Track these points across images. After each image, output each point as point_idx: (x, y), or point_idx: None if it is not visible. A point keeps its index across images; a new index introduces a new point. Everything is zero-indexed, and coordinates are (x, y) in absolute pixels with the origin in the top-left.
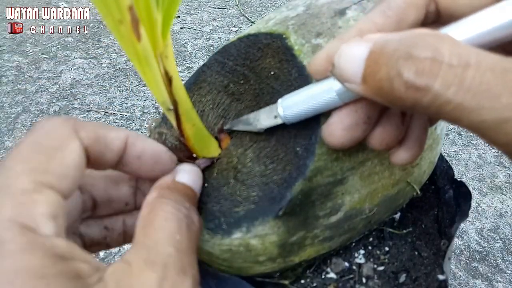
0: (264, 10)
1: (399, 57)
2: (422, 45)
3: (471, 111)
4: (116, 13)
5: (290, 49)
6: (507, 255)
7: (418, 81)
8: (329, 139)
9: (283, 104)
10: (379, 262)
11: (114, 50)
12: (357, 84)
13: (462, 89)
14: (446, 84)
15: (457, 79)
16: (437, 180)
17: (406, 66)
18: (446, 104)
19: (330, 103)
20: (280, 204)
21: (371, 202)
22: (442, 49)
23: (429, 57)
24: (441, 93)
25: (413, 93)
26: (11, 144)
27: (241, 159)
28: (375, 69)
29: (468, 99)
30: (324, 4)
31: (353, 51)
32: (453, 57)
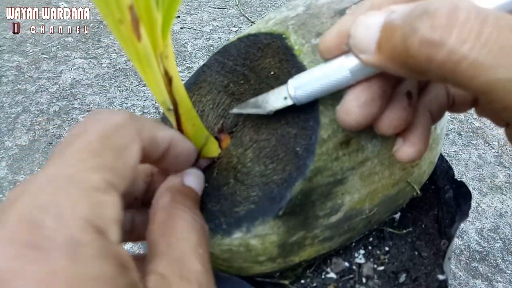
0: (264, 10)
1: (416, 15)
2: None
3: (487, 68)
4: (117, 12)
5: (290, 49)
6: (507, 255)
7: (433, 35)
8: (346, 118)
9: (294, 84)
10: (379, 262)
11: (114, 50)
12: (371, 53)
13: (478, 44)
14: (462, 38)
15: (473, 34)
16: (437, 180)
17: (422, 21)
18: (461, 60)
19: (343, 81)
20: (280, 204)
21: (371, 202)
22: (460, 4)
23: (446, 11)
24: (456, 48)
25: (427, 49)
26: (11, 144)
27: (241, 159)
28: (390, 33)
29: (484, 54)
30: (324, 4)
31: (369, 20)
32: (471, 12)
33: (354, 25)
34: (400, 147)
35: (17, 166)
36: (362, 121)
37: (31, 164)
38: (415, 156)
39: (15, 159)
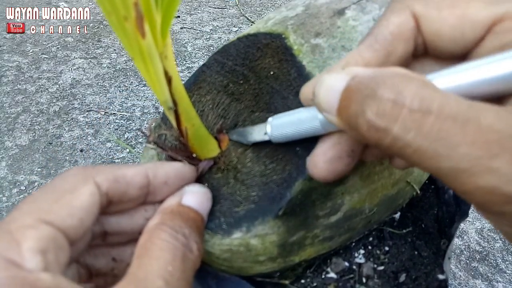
0: (264, 10)
1: (366, 95)
2: (387, 85)
3: (429, 158)
4: (122, 9)
5: (289, 48)
6: (507, 255)
7: (378, 122)
8: (314, 171)
9: (272, 123)
10: (379, 261)
11: (114, 50)
12: (333, 115)
13: (420, 134)
14: (405, 128)
15: (416, 124)
16: (437, 179)
17: (370, 105)
18: (405, 147)
19: (314, 131)
20: (280, 204)
21: (371, 201)
22: (405, 91)
23: (391, 99)
24: (400, 137)
25: (374, 133)
26: (11, 144)
27: (241, 159)
28: (347, 103)
29: (426, 145)
30: (323, 4)
31: (331, 83)
32: (414, 101)
33: (318, 84)
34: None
35: (17, 166)
36: (328, 176)
37: (31, 164)
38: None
39: (15, 159)
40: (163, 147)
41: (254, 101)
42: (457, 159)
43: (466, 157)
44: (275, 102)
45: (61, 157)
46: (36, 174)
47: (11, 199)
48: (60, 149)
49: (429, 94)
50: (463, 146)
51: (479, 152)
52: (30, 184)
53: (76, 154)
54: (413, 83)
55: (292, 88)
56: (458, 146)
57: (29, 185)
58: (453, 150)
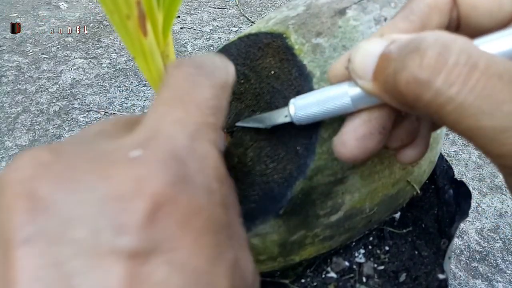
0: (264, 10)
1: (408, 51)
2: (432, 39)
3: (470, 115)
4: (124, 8)
5: (291, 48)
6: (507, 255)
7: (421, 75)
8: (342, 150)
9: (296, 104)
10: (379, 261)
11: (114, 50)
12: (368, 80)
13: (464, 89)
14: (449, 81)
15: (461, 78)
16: (437, 179)
17: (412, 59)
18: (446, 103)
19: (344, 108)
20: (280, 203)
21: (371, 201)
22: (452, 46)
23: (436, 51)
24: (442, 91)
25: (414, 88)
26: (11, 144)
27: (242, 159)
28: (386, 64)
29: (470, 101)
30: (324, 4)
31: (369, 47)
32: (461, 55)
33: (355, 50)
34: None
35: None
36: (358, 154)
37: None
38: (417, 158)
39: None
40: None
41: (255, 101)
42: (501, 117)
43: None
44: (276, 101)
45: None
46: None
47: None
48: None
49: (476, 51)
50: (508, 104)
51: None
52: None
53: None
54: (459, 40)
55: (293, 88)
56: (503, 103)
57: None
58: (498, 107)
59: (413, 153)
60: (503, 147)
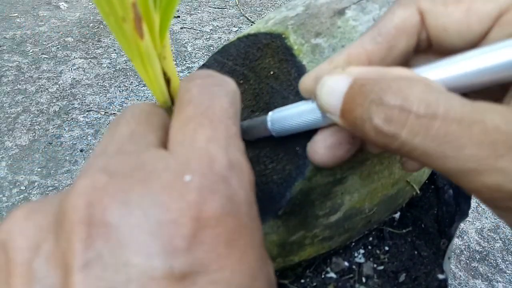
0: (264, 10)
1: (372, 101)
2: (393, 90)
3: (437, 159)
4: (120, 10)
5: (290, 48)
6: (507, 255)
7: (386, 129)
8: (313, 156)
9: (272, 118)
10: (379, 261)
11: (114, 50)
12: (336, 116)
13: (427, 138)
14: (413, 133)
15: (423, 129)
16: (437, 179)
17: (377, 112)
18: (413, 150)
19: (315, 123)
20: (279, 204)
21: (371, 201)
22: (411, 97)
23: (398, 105)
24: (408, 141)
25: (382, 138)
26: (11, 144)
27: None
28: (352, 106)
29: (433, 147)
30: (324, 4)
31: (333, 84)
32: (421, 106)
33: (319, 85)
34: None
35: (17, 166)
36: (328, 162)
37: (31, 164)
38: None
39: (15, 159)
40: None
41: (254, 101)
42: (464, 160)
43: (473, 157)
44: (275, 102)
45: (61, 157)
46: (36, 174)
47: (11, 199)
48: (60, 149)
49: (434, 98)
50: (469, 147)
51: (485, 152)
52: (30, 184)
53: (76, 154)
54: (417, 87)
55: (293, 88)
56: (464, 147)
57: (29, 185)
58: (460, 151)
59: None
60: (472, 184)
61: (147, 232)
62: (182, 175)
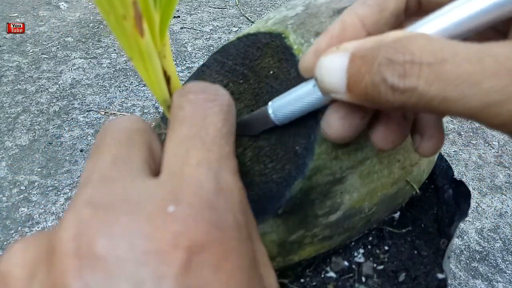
0: (264, 10)
1: (380, 63)
2: (400, 49)
3: (457, 101)
4: (120, 8)
5: (289, 48)
6: (507, 255)
7: (403, 84)
8: (328, 131)
9: (273, 106)
10: (378, 261)
11: (114, 50)
12: (342, 93)
13: (443, 83)
14: (428, 81)
15: (436, 75)
16: (437, 179)
17: (389, 71)
18: (432, 100)
19: (318, 102)
20: (279, 203)
21: (371, 201)
22: (417, 50)
23: (408, 60)
24: (425, 91)
25: (399, 96)
26: (11, 144)
27: (240, 158)
28: (359, 78)
29: (451, 91)
30: (323, 4)
31: (332, 64)
32: (429, 56)
33: (317, 68)
34: (420, 143)
35: (17, 166)
36: (345, 133)
37: (31, 164)
38: (437, 147)
39: (15, 159)
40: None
41: (254, 101)
42: (484, 94)
43: (492, 89)
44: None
45: (61, 157)
46: (36, 174)
47: (11, 199)
48: (60, 149)
49: (438, 46)
50: (486, 81)
51: (503, 81)
52: (30, 184)
53: (76, 154)
54: (419, 40)
55: (292, 88)
56: (481, 82)
57: (29, 185)
58: (478, 87)
59: (432, 143)
60: (499, 117)
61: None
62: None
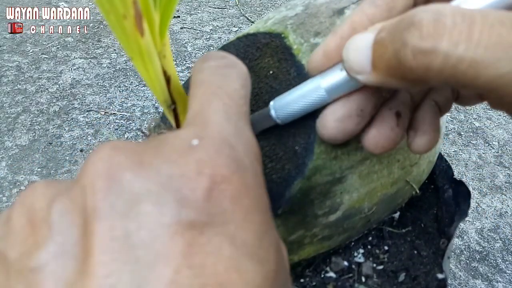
0: (264, 10)
1: (402, 29)
2: (423, 11)
3: (488, 65)
4: (120, 8)
5: (289, 48)
6: (507, 255)
7: (424, 44)
8: (322, 131)
9: (275, 106)
10: (378, 261)
11: (114, 50)
12: (367, 73)
13: (472, 44)
14: (454, 41)
15: (464, 35)
16: (437, 179)
17: (410, 33)
18: (459, 63)
19: (320, 101)
20: (279, 203)
21: (370, 201)
22: (444, 10)
23: (431, 20)
24: (450, 52)
25: (422, 59)
26: (11, 144)
27: None
28: (382, 50)
29: (481, 53)
30: (323, 4)
31: (358, 42)
32: (456, 16)
33: (345, 50)
34: (412, 139)
35: (17, 166)
36: (338, 135)
37: (31, 164)
38: (429, 145)
39: (15, 159)
40: None
41: (254, 101)
42: None
43: None
44: None
45: (61, 157)
46: (36, 174)
47: (11, 199)
48: (60, 149)
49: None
50: None
51: None
52: (30, 184)
53: (76, 154)
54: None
55: (292, 87)
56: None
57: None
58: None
59: (425, 140)
60: None
61: (159, 184)
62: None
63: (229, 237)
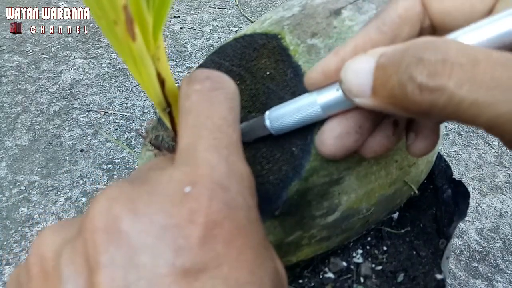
0: (264, 10)
1: (409, 63)
2: (431, 48)
3: (487, 106)
4: (111, 13)
5: (286, 49)
6: (507, 255)
7: (432, 83)
8: (321, 148)
9: (270, 117)
10: (377, 261)
11: (114, 50)
12: (366, 97)
13: (475, 85)
14: (459, 82)
15: (468, 76)
16: (436, 179)
17: (418, 69)
18: (461, 102)
19: (315, 116)
20: (276, 204)
21: (368, 201)
22: (451, 50)
23: (440, 59)
24: (455, 92)
25: (428, 95)
26: (11, 144)
27: None
28: (385, 79)
29: (483, 94)
30: (320, 4)
31: (359, 66)
32: (462, 56)
33: (343, 70)
34: (412, 142)
35: (17, 166)
36: (336, 152)
37: (31, 164)
38: (429, 149)
39: (15, 159)
40: (160, 147)
41: (251, 102)
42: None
43: None
44: (272, 102)
45: (61, 157)
46: (36, 174)
47: (11, 199)
48: (60, 149)
49: (471, 49)
50: None
51: None
52: (30, 184)
53: (76, 154)
54: (451, 42)
55: (289, 89)
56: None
57: (29, 185)
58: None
59: (425, 144)
60: None
61: (153, 235)
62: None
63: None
